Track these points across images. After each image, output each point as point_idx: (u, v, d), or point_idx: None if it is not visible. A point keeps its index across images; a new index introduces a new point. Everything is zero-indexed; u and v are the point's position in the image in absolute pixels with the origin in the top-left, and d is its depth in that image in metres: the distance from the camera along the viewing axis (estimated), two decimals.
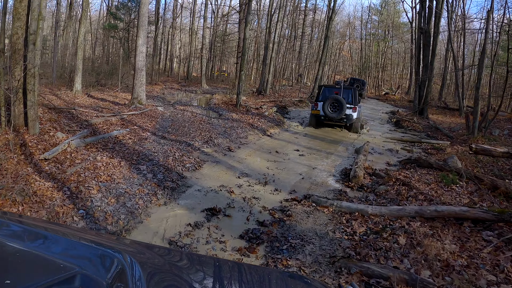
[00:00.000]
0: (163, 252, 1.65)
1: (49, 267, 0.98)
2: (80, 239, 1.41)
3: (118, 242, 1.72)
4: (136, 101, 13.36)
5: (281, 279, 1.61)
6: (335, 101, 11.81)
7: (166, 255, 1.61)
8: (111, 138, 7.94)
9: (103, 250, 1.20)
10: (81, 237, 1.48)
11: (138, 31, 13.31)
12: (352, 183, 6.52)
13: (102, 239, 1.68)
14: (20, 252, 1.03)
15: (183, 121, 11.01)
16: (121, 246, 1.53)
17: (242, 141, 9.22)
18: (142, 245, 1.71)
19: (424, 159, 8.55)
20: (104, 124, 9.60)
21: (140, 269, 1.14)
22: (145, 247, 1.59)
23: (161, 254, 1.55)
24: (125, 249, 1.40)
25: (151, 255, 1.45)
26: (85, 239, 1.45)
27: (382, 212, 4.96)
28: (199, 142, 8.25)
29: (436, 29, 18.73)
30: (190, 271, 1.43)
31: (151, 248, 1.57)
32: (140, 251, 1.48)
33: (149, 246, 1.65)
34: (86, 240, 1.42)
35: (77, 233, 1.73)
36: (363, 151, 8.97)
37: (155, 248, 1.62)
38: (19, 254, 1.02)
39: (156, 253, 1.52)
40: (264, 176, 6.51)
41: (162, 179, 5.69)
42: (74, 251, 1.21)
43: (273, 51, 20.93)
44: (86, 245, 1.29)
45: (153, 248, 1.59)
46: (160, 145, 7.68)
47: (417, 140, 12.64)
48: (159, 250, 1.62)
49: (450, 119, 20.21)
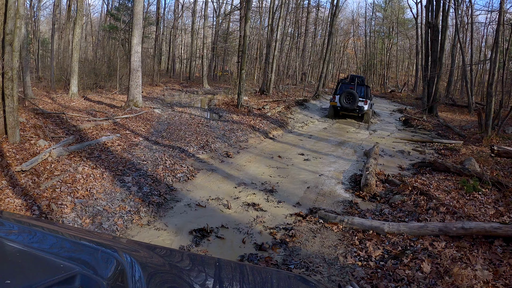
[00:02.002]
0: (164, 252, 1.62)
1: (49, 267, 0.96)
2: (80, 239, 1.40)
3: (118, 242, 1.70)
4: (132, 103, 12.74)
5: (283, 280, 1.58)
6: (349, 94, 14.25)
7: (166, 255, 1.58)
8: (98, 145, 7.31)
9: (103, 250, 1.19)
10: (81, 237, 1.47)
11: (133, 30, 12.67)
12: (364, 192, 5.82)
13: (102, 239, 1.66)
14: (20, 252, 1.03)
15: (179, 124, 10.36)
16: (121, 246, 1.50)
17: (242, 145, 8.54)
18: (142, 245, 1.69)
19: (440, 162, 7.84)
20: (94, 130, 8.98)
21: (140, 269, 1.13)
22: (145, 247, 1.57)
23: (161, 255, 1.53)
24: (125, 249, 1.36)
25: (151, 255, 1.43)
26: (85, 239, 1.43)
27: (401, 230, 4.28)
28: (195, 148, 7.58)
29: (445, 23, 17.93)
30: (191, 272, 1.41)
31: (151, 248, 1.56)
32: (140, 251, 1.45)
33: (149, 247, 1.64)
34: (86, 240, 1.39)
35: (77, 233, 1.70)
36: (373, 154, 8.28)
37: (155, 248, 1.60)
38: (19, 254, 1.02)
39: (156, 253, 1.50)
40: (264, 185, 5.83)
41: (148, 193, 5.04)
42: (74, 251, 1.21)
43: (275, 49, 20.19)
44: (86, 245, 1.28)
45: (154, 249, 1.57)
46: (151, 152, 7.03)
47: (428, 140, 11.94)
48: (159, 250, 1.60)
49: (460, 117, 19.47)
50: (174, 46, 40.04)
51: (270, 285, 1.47)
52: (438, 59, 18.05)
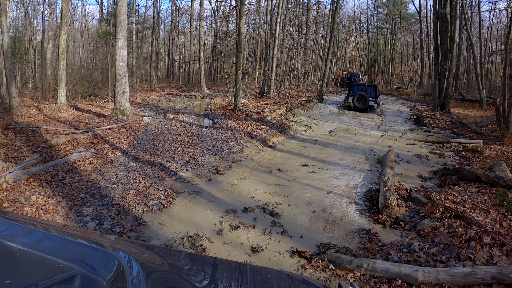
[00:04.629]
0: (163, 252, 1.57)
1: (49, 267, 0.94)
2: (80, 239, 1.36)
3: (118, 242, 1.63)
4: (118, 112, 11.68)
5: (281, 279, 1.55)
6: (361, 96, 16.77)
7: (165, 255, 1.53)
8: (66, 165, 6.24)
9: (103, 250, 1.16)
10: (81, 237, 1.43)
11: (117, 32, 11.61)
12: (383, 215, 4.67)
13: (102, 239, 1.61)
14: (20, 252, 1.00)
15: (167, 133, 9.25)
16: (121, 246, 1.43)
17: (236, 157, 7.40)
18: (142, 245, 1.65)
19: (469, 170, 6.67)
20: (68, 145, 7.91)
21: (140, 269, 1.10)
22: (145, 248, 1.53)
23: (160, 254, 1.48)
24: (125, 249, 1.31)
25: (151, 255, 1.39)
26: (85, 239, 1.39)
27: (440, 279, 3.13)
28: (178, 164, 6.46)
29: (454, 13, 16.67)
30: (190, 271, 1.38)
31: (150, 248, 1.53)
32: (140, 251, 1.40)
33: (149, 247, 1.61)
34: (86, 240, 1.35)
35: (77, 233, 1.64)
36: (388, 162, 7.12)
37: (154, 248, 1.57)
38: (19, 254, 0.99)
39: (156, 253, 1.46)
40: (259, 212, 4.70)
41: (108, 229, 3.93)
42: (74, 251, 1.16)
43: (275, 47, 19.02)
44: (86, 245, 1.24)
45: (153, 248, 1.54)
46: (125, 171, 5.93)
47: (445, 140, 10.74)
48: (158, 250, 1.56)
49: (472, 112, 18.28)
50: (173, 50, 39.06)
51: (270, 285, 1.44)
52: (448, 52, 16.80)
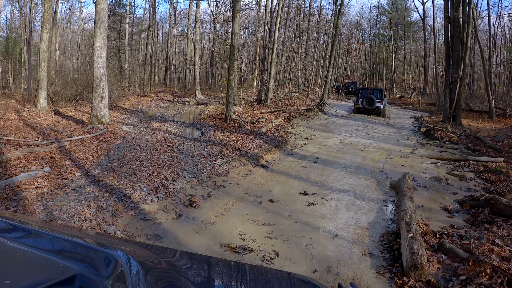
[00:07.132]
0: (163, 252, 1.57)
1: (49, 267, 0.93)
2: (80, 239, 1.35)
3: (117, 242, 1.63)
4: (95, 119, 10.37)
5: (281, 278, 1.53)
6: (369, 98, 18.59)
7: (165, 255, 1.53)
8: (7, 189, 4.92)
9: (103, 250, 1.15)
10: (81, 237, 1.43)
11: (95, 30, 10.33)
12: (410, 279, 3.35)
13: (102, 239, 1.60)
14: (20, 252, 1.00)
15: (144, 148, 7.92)
16: (120, 246, 1.39)
17: (218, 182, 6.05)
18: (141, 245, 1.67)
19: (506, 203, 5.36)
20: (23, 160, 6.60)
21: (139, 267, 1.08)
22: (144, 247, 1.52)
23: (160, 254, 1.46)
24: (124, 249, 1.28)
25: (151, 255, 1.38)
26: (85, 239, 1.39)
27: None
28: (143, 191, 5.10)
29: (467, 17, 15.46)
30: (190, 271, 1.36)
31: (150, 248, 1.53)
32: (139, 251, 1.39)
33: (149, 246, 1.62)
34: (86, 240, 1.34)
35: (77, 233, 1.66)
36: (405, 189, 5.78)
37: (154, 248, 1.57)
38: (19, 254, 0.98)
39: (155, 253, 1.44)
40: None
41: None
42: (74, 251, 1.16)
43: (274, 51, 17.76)
44: (86, 245, 1.23)
45: (153, 248, 1.55)
46: (75, 201, 4.61)
47: (462, 158, 9.45)
48: (158, 250, 1.57)
49: (483, 124, 17.05)
50: (171, 54, 37.88)
51: (270, 285, 1.42)
52: (460, 59, 15.59)
